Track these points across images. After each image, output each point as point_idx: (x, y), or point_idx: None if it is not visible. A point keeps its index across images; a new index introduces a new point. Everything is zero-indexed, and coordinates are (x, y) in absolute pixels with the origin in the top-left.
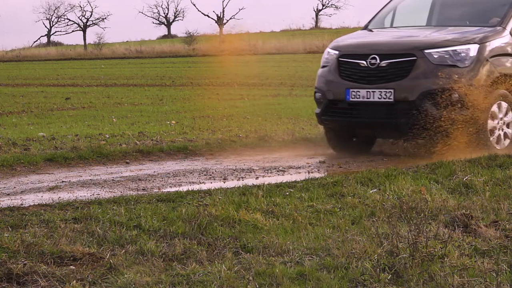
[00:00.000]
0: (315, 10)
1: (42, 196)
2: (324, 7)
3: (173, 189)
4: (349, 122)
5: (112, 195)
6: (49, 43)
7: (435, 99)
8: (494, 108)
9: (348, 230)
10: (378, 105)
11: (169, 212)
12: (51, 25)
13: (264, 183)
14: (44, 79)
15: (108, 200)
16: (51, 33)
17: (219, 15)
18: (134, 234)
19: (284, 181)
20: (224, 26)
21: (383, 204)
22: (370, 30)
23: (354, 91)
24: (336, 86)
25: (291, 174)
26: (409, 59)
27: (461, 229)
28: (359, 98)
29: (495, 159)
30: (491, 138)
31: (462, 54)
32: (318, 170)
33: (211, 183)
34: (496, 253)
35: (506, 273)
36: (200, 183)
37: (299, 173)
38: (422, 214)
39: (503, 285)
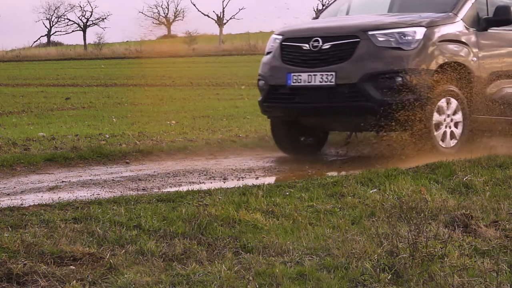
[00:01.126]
0: (315, 10)
1: (42, 196)
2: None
3: (173, 189)
4: (291, 109)
5: (112, 195)
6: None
7: (377, 82)
8: (442, 103)
9: (348, 230)
10: (319, 89)
11: (169, 212)
12: (51, 25)
13: (264, 183)
14: (44, 79)
15: (108, 200)
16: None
17: (219, 15)
18: (134, 234)
19: (284, 181)
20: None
21: (383, 204)
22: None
23: (295, 75)
24: (278, 71)
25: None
26: (352, 40)
27: (461, 229)
28: (300, 82)
29: (495, 159)
30: (435, 132)
31: (408, 37)
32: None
33: (211, 183)
34: (496, 253)
35: (506, 273)
36: (200, 183)
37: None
38: (422, 214)
39: (503, 285)
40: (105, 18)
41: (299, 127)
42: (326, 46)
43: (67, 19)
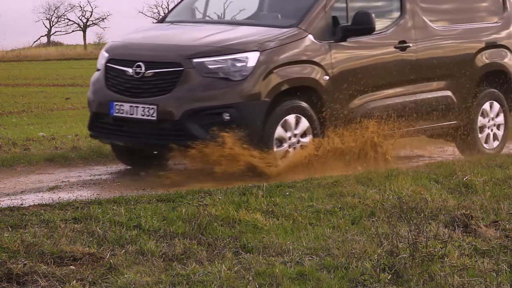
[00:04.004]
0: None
1: (42, 196)
2: None
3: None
4: (116, 140)
5: (112, 195)
6: (49, 43)
7: (202, 119)
8: (284, 125)
9: (348, 230)
10: (142, 123)
11: (169, 212)
12: (51, 25)
13: (264, 183)
14: (44, 79)
15: (108, 200)
16: (51, 33)
17: (219, 16)
18: (134, 234)
19: (284, 181)
20: None
21: (383, 204)
22: (170, 23)
23: (118, 105)
24: (102, 97)
25: None
26: (176, 69)
27: (461, 229)
28: (123, 113)
29: (495, 159)
30: (280, 162)
31: (238, 65)
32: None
33: None
34: (496, 253)
35: (506, 273)
36: None
37: None
38: (422, 214)
39: (503, 285)
40: (105, 18)
41: None
42: (149, 73)
43: (67, 19)
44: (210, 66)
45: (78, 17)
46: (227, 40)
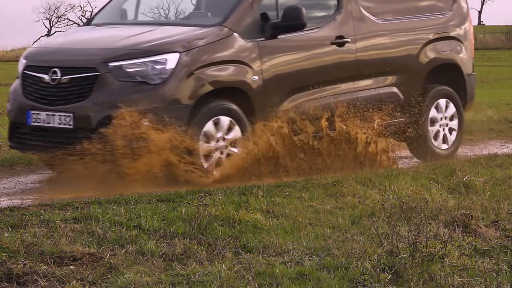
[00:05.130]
0: None
1: (42, 196)
2: None
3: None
4: (36, 153)
5: (112, 195)
6: None
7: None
8: (209, 127)
9: (348, 230)
10: (59, 132)
11: (169, 212)
12: (51, 25)
13: (264, 183)
14: None
15: (108, 200)
16: (51, 33)
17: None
18: (134, 234)
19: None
20: None
21: (383, 204)
22: (95, 25)
23: (35, 114)
24: (19, 106)
25: None
26: (91, 74)
27: (461, 229)
28: (40, 122)
29: (495, 159)
30: (205, 165)
31: (158, 67)
32: None
33: None
34: (496, 253)
35: (506, 273)
36: None
37: None
38: (422, 214)
39: (503, 285)
40: None
41: None
42: (65, 79)
43: (67, 19)
44: (128, 70)
45: (78, 17)
46: (146, 42)
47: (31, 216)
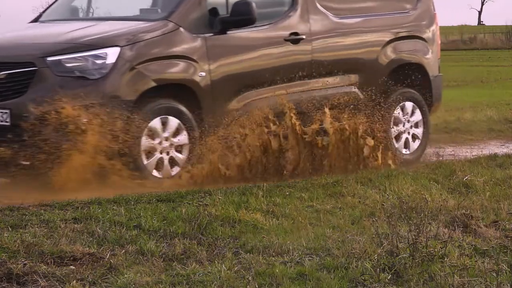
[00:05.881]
0: None
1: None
2: None
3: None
4: None
5: (112, 195)
6: None
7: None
8: (155, 123)
9: (348, 230)
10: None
11: (169, 212)
12: None
13: (264, 183)
14: None
15: (108, 200)
16: None
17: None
18: (134, 234)
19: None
20: None
21: (383, 204)
22: (43, 22)
23: None
24: None
25: None
26: (29, 69)
27: (461, 229)
28: None
29: (495, 159)
30: (145, 162)
31: (98, 62)
32: None
33: None
34: (496, 253)
35: (506, 273)
36: None
37: None
38: (422, 214)
39: (503, 285)
40: None
41: None
42: (2, 75)
43: None
44: (67, 65)
45: None
46: (87, 36)
47: (31, 216)
